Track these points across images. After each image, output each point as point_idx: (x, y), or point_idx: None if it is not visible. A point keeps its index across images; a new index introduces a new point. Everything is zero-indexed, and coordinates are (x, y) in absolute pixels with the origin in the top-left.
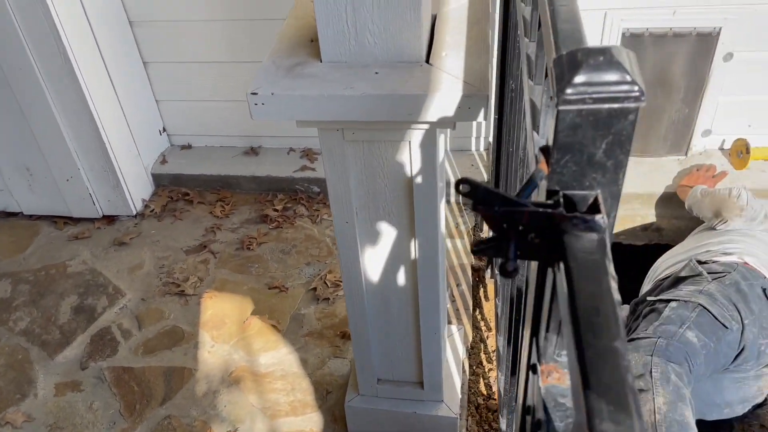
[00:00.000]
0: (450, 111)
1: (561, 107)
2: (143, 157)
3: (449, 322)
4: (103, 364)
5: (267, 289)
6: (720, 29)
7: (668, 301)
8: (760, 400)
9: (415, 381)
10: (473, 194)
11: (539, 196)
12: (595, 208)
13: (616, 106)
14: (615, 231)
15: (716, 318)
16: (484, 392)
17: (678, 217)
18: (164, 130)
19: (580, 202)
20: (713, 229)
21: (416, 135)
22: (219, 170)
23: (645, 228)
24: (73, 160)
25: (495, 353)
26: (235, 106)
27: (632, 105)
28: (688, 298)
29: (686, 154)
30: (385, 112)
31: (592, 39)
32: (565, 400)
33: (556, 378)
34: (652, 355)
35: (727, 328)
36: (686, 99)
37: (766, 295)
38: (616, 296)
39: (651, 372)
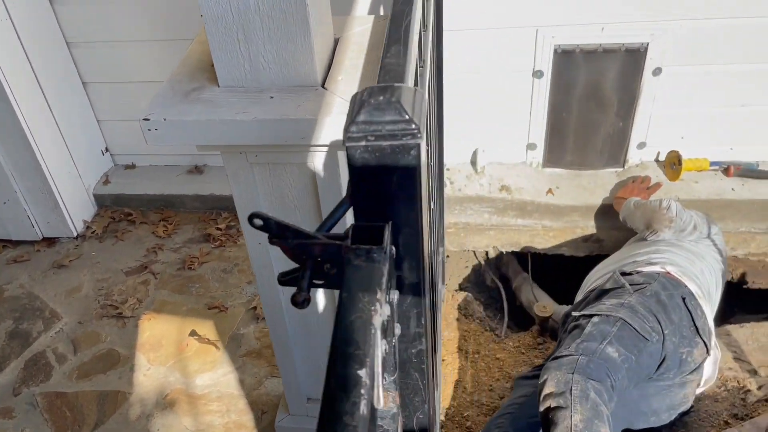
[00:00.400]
0: (341, 134)
1: (347, 144)
2: (84, 177)
3: None
4: (36, 389)
5: (207, 309)
6: (647, 45)
7: (591, 316)
8: (686, 407)
9: None
10: (267, 228)
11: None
12: (377, 239)
13: (396, 143)
14: (557, 243)
15: (637, 331)
16: None
17: (617, 228)
18: (107, 150)
19: (371, 233)
20: (645, 239)
21: (318, 157)
22: (162, 189)
23: (586, 239)
24: (9, 182)
25: None
26: None
27: (411, 142)
28: (609, 312)
29: (623, 167)
30: (278, 136)
31: (526, 56)
32: (384, 422)
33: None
34: (573, 373)
35: (647, 340)
36: (620, 113)
37: (686, 304)
38: (376, 325)
39: (571, 390)
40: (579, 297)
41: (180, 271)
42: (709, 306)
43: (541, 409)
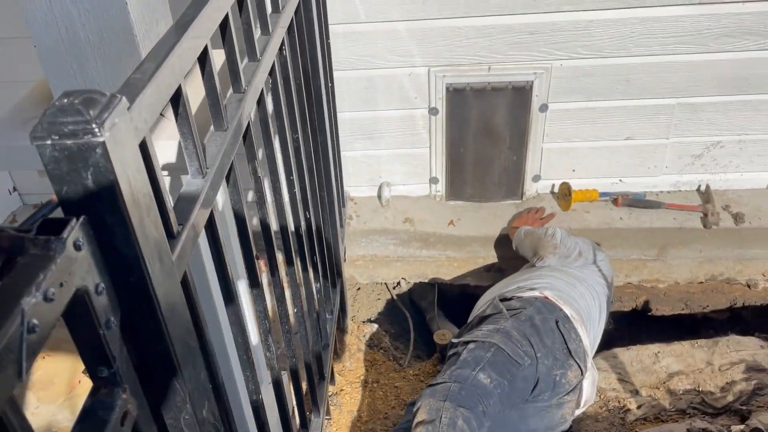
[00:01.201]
0: (174, 158)
1: (34, 143)
2: None
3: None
4: None
5: None
6: (532, 82)
7: (468, 342)
8: (564, 427)
9: None
10: None
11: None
12: (56, 229)
13: (79, 141)
14: (461, 273)
15: (510, 356)
16: None
17: (516, 257)
18: (14, 189)
19: (59, 226)
20: (534, 266)
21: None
22: None
23: (488, 269)
24: None
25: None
26: None
27: (93, 140)
28: (485, 338)
29: (521, 199)
30: None
31: (421, 94)
32: (102, 413)
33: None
34: (444, 401)
35: (520, 364)
36: (512, 147)
37: (559, 328)
38: (25, 306)
39: (441, 418)
40: (468, 321)
41: None
42: (587, 328)
43: None
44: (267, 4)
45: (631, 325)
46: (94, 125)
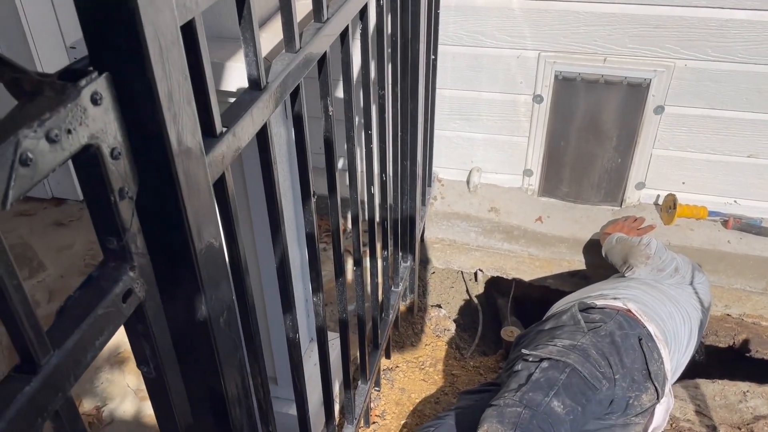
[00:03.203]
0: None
1: None
2: None
3: None
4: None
5: None
6: (650, 81)
7: (541, 360)
8: None
9: (270, 376)
10: None
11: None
12: (77, 78)
13: None
14: (543, 274)
15: (587, 379)
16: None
17: (606, 266)
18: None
19: (81, 75)
20: (623, 276)
21: None
22: None
23: (573, 274)
24: None
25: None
26: None
27: None
28: (560, 357)
29: (620, 206)
30: None
31: (527, 80)
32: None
33: None
34: (515, 430)
35: (597, 389)
36: (618, 148)
37: (641, 346)
38: (21, 137)
39: None
40: (542, 319)
41: None
42: (671, 351)
43: None
44: None
45: (723, 363)
46: None
